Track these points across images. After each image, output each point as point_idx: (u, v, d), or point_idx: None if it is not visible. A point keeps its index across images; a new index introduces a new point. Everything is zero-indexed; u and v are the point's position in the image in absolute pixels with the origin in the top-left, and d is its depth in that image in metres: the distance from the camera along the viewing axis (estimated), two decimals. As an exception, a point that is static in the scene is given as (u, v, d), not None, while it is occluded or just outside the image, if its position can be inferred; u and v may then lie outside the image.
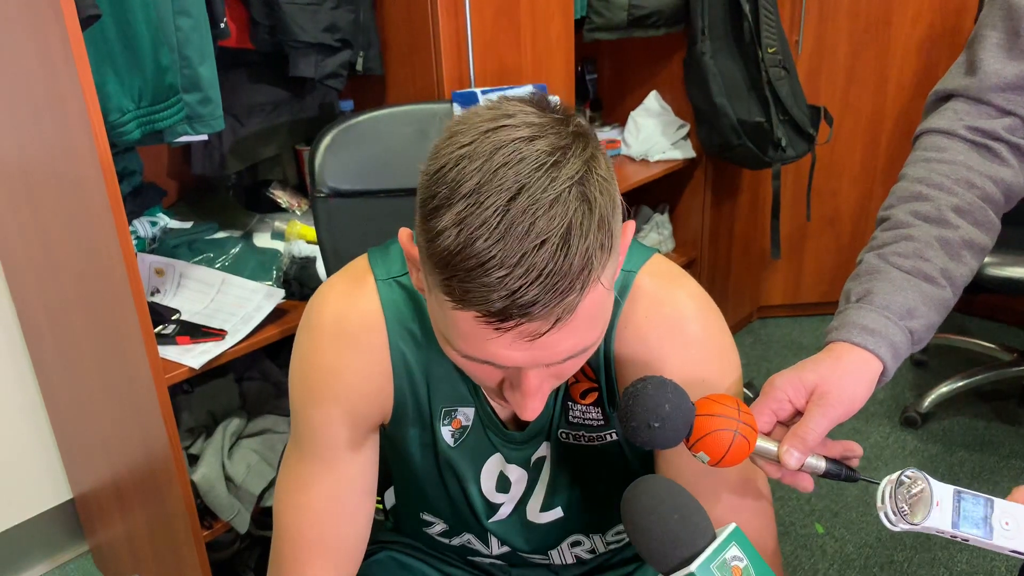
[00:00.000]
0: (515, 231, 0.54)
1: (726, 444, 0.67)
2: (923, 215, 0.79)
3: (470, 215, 0.55)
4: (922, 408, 2.26)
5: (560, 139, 0.58)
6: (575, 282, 0.56)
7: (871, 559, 1.83)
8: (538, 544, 0.92)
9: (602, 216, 0.57)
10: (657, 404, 0.66)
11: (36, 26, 1.17)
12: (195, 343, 1.40)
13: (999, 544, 0.65)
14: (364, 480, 0.83)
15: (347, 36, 1.61)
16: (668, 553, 0.61)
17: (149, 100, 1.26)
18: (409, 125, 1.17)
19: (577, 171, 0.57)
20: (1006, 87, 0.82)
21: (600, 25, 2.07)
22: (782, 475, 0.71)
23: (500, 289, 0.55)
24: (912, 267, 0.77)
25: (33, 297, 1.59)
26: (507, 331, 0.57)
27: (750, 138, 2.16)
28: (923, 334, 0.76)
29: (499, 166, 0.56)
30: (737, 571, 0.60)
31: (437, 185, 0.58)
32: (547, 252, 0.55)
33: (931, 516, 0.65)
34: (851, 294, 0.78)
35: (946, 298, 0.77)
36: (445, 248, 0.56)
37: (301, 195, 1.82)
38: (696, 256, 2.50)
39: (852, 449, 0.72)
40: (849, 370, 0.72)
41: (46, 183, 1.35)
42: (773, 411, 0.72)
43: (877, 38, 2.43)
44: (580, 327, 0.60)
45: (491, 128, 0.58)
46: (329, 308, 0.79)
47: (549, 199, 0.55)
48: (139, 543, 1.66)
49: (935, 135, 0.85)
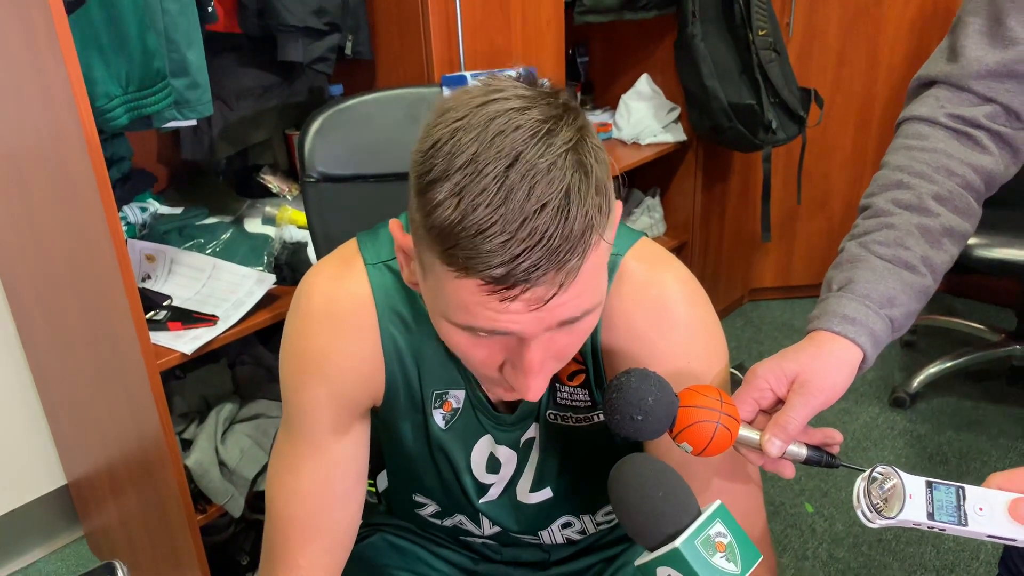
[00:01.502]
0: (515, 196, 0.55)
1: (708, 435, 0.68)
2: (904, 203, 0.80)
3: (469, 184, 0.56)
4: (911, 389, 2.28)
5: (551, 109, 0.59)
6: (576, 246, 0.57)
7: (860, 537, 1.85)
8: (528, 525, 0.93)
9: (598, 180, 0.59)
10: (640, 397, 0.67)
11: (20, 10, 1.16)
12: (187, 329, 1.40)
13: (975, 530, 0.65)
14: (355, 463, 0.84)
15: (336, 20, 1.60)
16: (653, 529, 0.62)
17: (136, 85, 1.26)
18: (399, 109, 1.17)
19: (571, 138, 0.58)
20: (987, 75, 0.82)
21: (591, 7, 2.06)
22: (764, 462, 0.72)
23: (503, 254, 0.55)
24: (893, 255, 0.77)
25: (24, 284, 1.59)
26: (512, 299, 0.58)
27: (741, 121, 2.16)
28: (903, 322, 0.77)
29: (495, 135, 0.56)
30: (721, 547, 0.61)
31: (432, 159, 0.58)
32: (548, 216, 0.55)
33: (905, 509, 0.66)
34: (832, 282, 0.79)
35: (926, 285, 0.78)
36: (445, 219, 0.56)
37: (292, 180, 1.82)
38: (687, 239, 2.51)
39: (832, 436, 0.73)
40: (830, 359, 0.73)
41: (34, 170, 1.35)
42: (755, 400, 0.73)
43: (868, 20, 2.43)
44: (583, 289, 0.60)
45: (483, 102, 0.58)
46: (318, 292, 0.79)
47: (546, 164, 0.56)
48: (133, 528, 1.67)
49: (916, 123, 0.85)
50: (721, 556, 0.61)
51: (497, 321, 0.60)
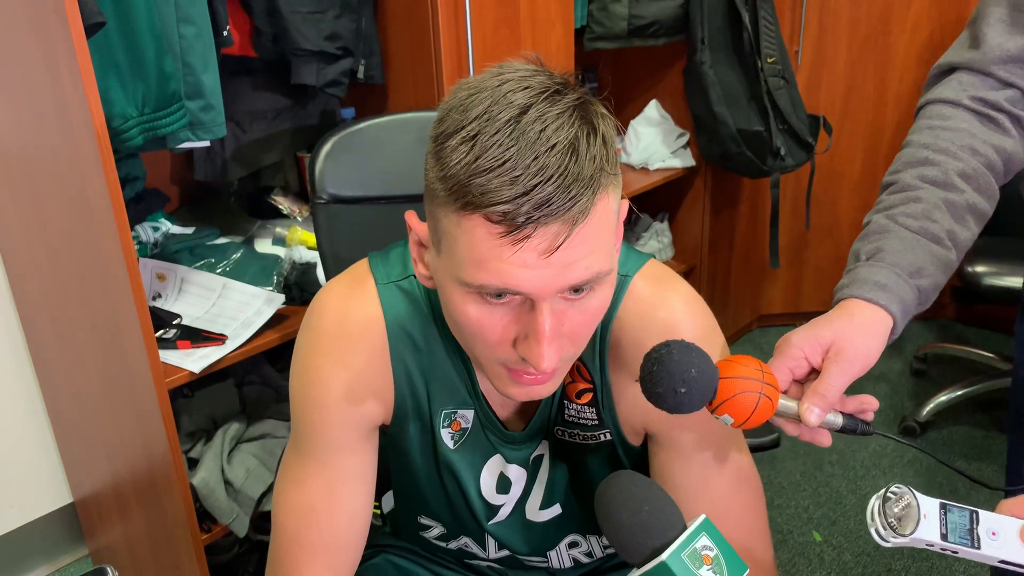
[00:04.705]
0: (527, 137, 0.58)
1: (751, 406, 0.67)
2: (930, 179, 0.81)
3: (483, 129, 0.59)
4: (921, 417, 2.27)
5: (556, 80, 0.63)
6: (586, 186, 0.59)
7: (869, 568, 1.83)
8: (537, 545, 0.92)
9: (606, 136, 0.62)
10: (683, 369, 0.66)
11: (42, 32, 1.18)
12: (196, 347, 1.41)
13: (987, 554, 0.65)
14: (363, 481, 0.84)
15: (349, 44, 1.63)
16: (639, 544, 0.62)
17: (152, 107, 1.28)
18: (409, 133, 1.18)
19: (578, 98, 0.62)
20: (1008, 60, 0.84)
21: (600, 34, 2.09)
22: (800, 432, 0.72)
23: (517, 187, 0.58)
24: (920, 227, 0.78)
25: (36, 301, 1.60)
26: (524, 240, 0.59)
27: (749, 147, 2.17)
28: (930, 293, 0.77)
29: (507, 92, 0.60)
30: (708, 559, 0.61)
31: (448, 120, 0.62)
32: (558, 155, 0.58)
33: (920, 528, 0.65)
34: (861, 253, 0.79)
35: (951, 259, 0.79)
36: (459, 161, 0.59)
37: (302, 201, 1.83)
38: (696, 264, 2.51)
39: (868, 402, 0.73)
40: (863, 326, 0.73)
41: (50, 188, 1.37)
42: (790, 369, 0.72)
43: (876, 48, 2.45)
44: (592, 248, 0.62)
45: (496, 74, 0.63)
46: (330, 310, 0.80)
47: (555, 113, 0.60)
48: (138, 546, 1.67)
49: (939, 104, 0.87)
50: (708, 569, 0.61)
51: (508, 275, 0.61)
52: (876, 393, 2.46)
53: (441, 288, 0.68)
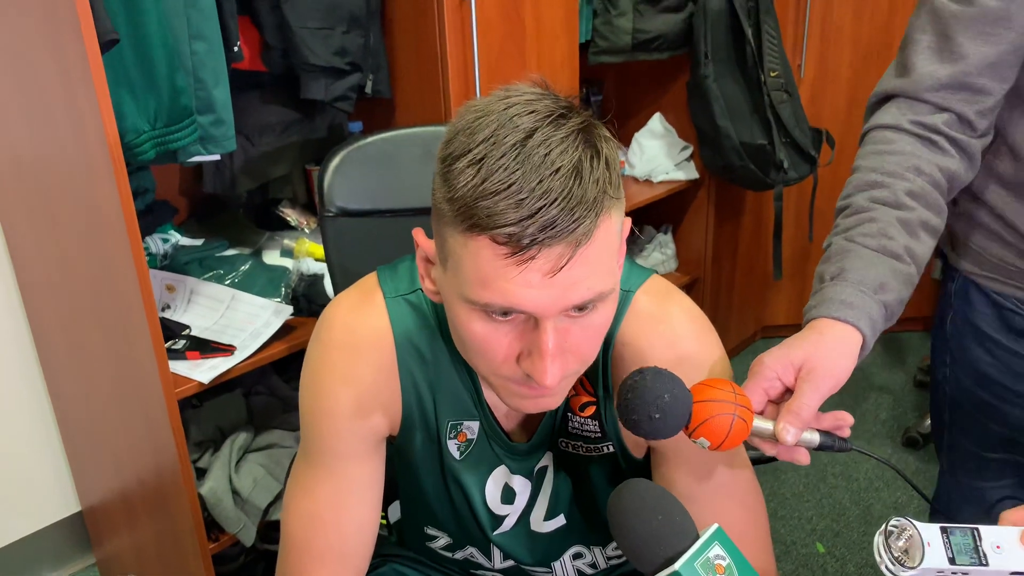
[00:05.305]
0: (531, 161, 0.60)
1: (726, 428, 0.68)
2: (881, 200, 0.84)
3: (489, 153, 0.61)
4: (924, 428, 2.27)
5: (563, 103, 0.65)
6: (589, 209, 0.61)
7: (872, 579, 1.83)
8: (542, 556, 0.93)
9: (609, 159, 0.63)
10: (657, 395, 0.67)
11: (57, 48, 1.21)
12: (204, 358, 1.42)
13: (997, 568, 0.65)
14: (371, 491, 0.85)
15: (357, 60, 1.65)
16: (652, 553, 0.63)
17: (164, 121, 1.30)
18: (416, 147, 1.20)
19: (582, 122, 0.64)
20: (940, 87, 0.88)
21: (604, 48, 2.11)
22: (778, 452, 0.72)
23: (522, 209, 0.59)
24: (879, 245, 0.81)
25: (48, 311, 1.62)
26: (529, 261, 0.60)
27: (752, 160, 2.18)
28: (895, 308, 0.80)
29: (513, 115, 0.62)
30: (720, 569, 0.62)
31: (455, 142, 0.63)
32: (562, 178, 0.60)
33: (926, 558, 0.65)
34: (825, 274, 0.82)
35: (911, 274, 0.82)
36: (466, 184, 0.61)
37: (310, 214, 1.85)
38: (699, 276, 2.52)
39: (842, 418, 0.74)
40: (833, 344, 0.75)
41: (64, 200, 1.39)
42: (764, 390, 0.73)
43: (880, 63, 2.46)
44: (594, 269, 0.63)
45: (502, 97, 0.65)
46: (339, 322, 0.82)
47: (560, 138, 0.61)
48: (146, 555, 1.68)
49: (883, 130, 0.91)
50: None
51: (513, 295, 0.62)
52: (879, 405, 2.47)
53: (448, 304, 0.70)
